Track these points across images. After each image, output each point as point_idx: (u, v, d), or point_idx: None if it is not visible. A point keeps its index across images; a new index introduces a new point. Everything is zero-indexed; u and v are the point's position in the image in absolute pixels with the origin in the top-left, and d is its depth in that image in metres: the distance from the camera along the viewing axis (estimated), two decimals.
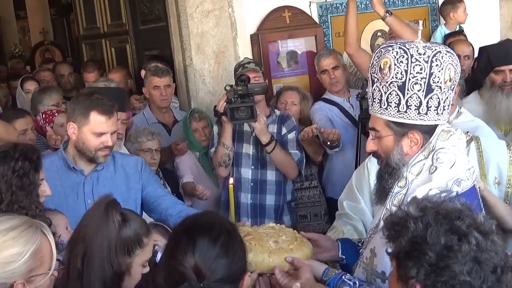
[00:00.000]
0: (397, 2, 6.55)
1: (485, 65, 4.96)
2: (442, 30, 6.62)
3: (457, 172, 2.52)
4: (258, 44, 6.00)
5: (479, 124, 3.98)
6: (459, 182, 2.51)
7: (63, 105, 5.78)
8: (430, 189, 2.48)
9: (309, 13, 6.27)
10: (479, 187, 2.76)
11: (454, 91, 2.63)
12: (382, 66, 2.57)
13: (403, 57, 2.53)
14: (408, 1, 6.61)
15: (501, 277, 1.91)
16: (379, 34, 6.44)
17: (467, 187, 2.53)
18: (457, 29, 6.65)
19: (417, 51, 2.52)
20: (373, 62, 2.64)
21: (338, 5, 6.22)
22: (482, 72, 5.01)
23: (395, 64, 2.54)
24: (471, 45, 6.03)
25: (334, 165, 5.45)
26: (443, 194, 2.29)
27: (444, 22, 6.67)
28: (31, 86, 6.89)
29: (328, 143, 5.00)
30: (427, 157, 2.57)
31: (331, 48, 6.17)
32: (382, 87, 2.59)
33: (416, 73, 2.52)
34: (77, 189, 3.76)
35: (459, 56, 5.44)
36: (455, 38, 6.29)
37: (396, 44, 2.58)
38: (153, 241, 3.22)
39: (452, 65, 2.55)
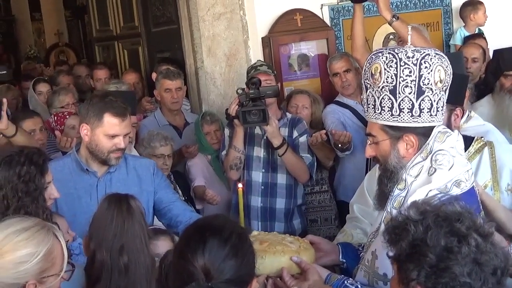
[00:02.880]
0: (409, 5, 6.54)
1: (495, 68, 4.96)
2: (462, 32, 6.60)
3: (456, 173, 2.54)
4: (269, 47, 6.01)
5: (489, 129, 3.97)
6: (458, 183, 2.53)
7: (73, 106, 5.81)
8: (430, 190, 2.50)
9: (320, 16, 6.26)
10: (478, 190, 2.77)
11: (446, 93, 2.64)
12: (373, 72, 2.61)
13: (392, 61, 2.56)
14: (421, 4, 6.59)
15: (501, 279, 1.93)
16: (391, 37, 6.43)
17: (466, 188, 2.55)
18: (476, 31, 6.63)
19: (406, 55, 2.55)
20: (365, 69, 2.68)
21: (350, 7, 6.20)
22: (493, 76, 5.01)
23: (385, 69, 2.57)
24: (482, 47, 5.98)
25: (345, 168, 5.44)
26: (440, 195, 2.31)
27: (464, 24, 6.66)
28: (43, 88, 6.91)
29: (339, 145, 5.00)
30: (426, 159, 2.59)
31: (343, 51, 6.18)
32: (375, 92, 2.63)
33: (406, 76, 2.55)
34: (90, 191, 3.79)
35: (466, 58, 5.48)
36: (475, 40, 6.27)
37: (386, 50, 2.62)
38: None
39: (442, 66, 2.58)
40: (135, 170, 3.92)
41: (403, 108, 2.58)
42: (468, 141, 3.37)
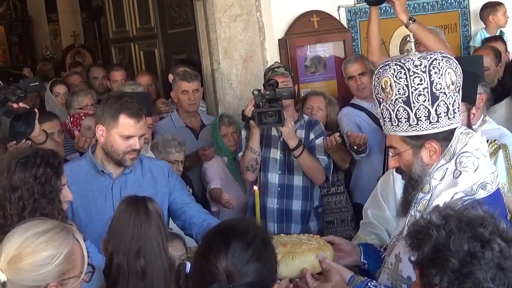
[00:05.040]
0: (427, 6, 6.51)
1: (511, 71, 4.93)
2: (482, 34, 6.56)
3: (481, 175, 2.52)
4: (286, 48, 6.00)
5: (504, 132, 3.95)
6: (484, 186, 2.51)
7: (93, 107, 5.82)
8: (455, 193, 2.48)
9: (337, 17, 6.25)
10: (503, 192, 2.74)
11: (460, 93, 2.62)
12: (383, 86, 2.59)
13: (401, 72, 2.54)
14: (439, 5, 6.56)
15: None
16: (408, 39, 6.38)
17: (492, 190, 2.52)
18: (498, 33, 6.57)
19: (413, 63, 2.53)
20: (374, 84, 2.66)
21: (367, 9, 6.15)
22: (510, 79, 4.97)
23: (395, 81, 2.55)
24: (493, 52, 5.86)
25: (361, 171, 5.42)
26: (466, 197, 2.27)
27: (484, 26, 6.61)
28: (60, 89, 6.92)
29: (355, 147, 4.98)
30: (449, 161, 2.57)
31: (360, 52, 6.16)
32: (389, 105, 2.61)
33: (417, 85, 2.53)
34: (105, 192, 3.78)
35: None
36: (491, 43, 6.22)
37: (392, 61, 2.60)
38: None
39: (451, 68, 2.56)
40: (150, 172, 3.91)
41: (420, 117, 2.56)
42: None
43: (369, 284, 2.68)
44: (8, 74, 14.37)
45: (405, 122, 2.58)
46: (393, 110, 2.60)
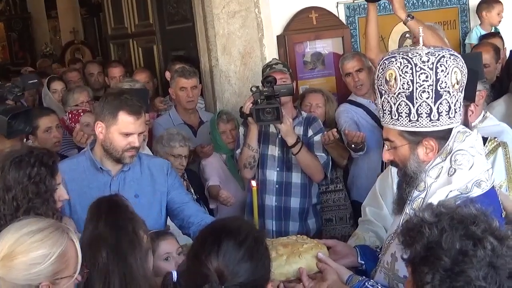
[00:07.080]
0: (426, 3, 6.50)
1: (508, 69, 4.93)
2: (477, 31, 6.54)
3: (476, 173, 2.50)
4: (284, 45, 5.99)
5: (504, 128, 3.95)
6: (479, 184, 2.49)
7: (88, 104, 5.82)
8: (450, 191, 2.47)
9: (336, 14, 6.24)
10: (498, 190, 2.73)
11: (462, 92, 2.60)
12: (387, 78, 2.56)
13: (407, 67, 2.51)
14: (438, 2, 6.54)
15: None
16: (407, 35, 6.39)
17: (487, 188, 2.51)
18: (492, 30, 6.57)
19: (421, 59, 2.50)
20: (378, 75, 2.62)
21: (365, 5, 6.12)
22: (507, 76, 4.97)
23: (400, 75, 2.52)
24: (493, 49, 5.85)
25: (359, 168, 5.40)
26: (461, 195, 2.27)
27: (480, 22, 6.61)
28: (58, 86, 6.94)
29: (353, 145, 4.97)
30: (445, 160, 2.55)
31: (359, 49, 6.15)
32: (391, 98, 2.58)
33: (423, 81, 2.50)
34: (103, 189, 3.73)
35: None
36: (488, 39, 6.21)
37: (399, 54, 2.56)
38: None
39: (458, 67, 2.53)
40: (148, 169, 3.89)
41: (421, 113, 2.54)
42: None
43: (366, 283, 2.68)
44: (8, 71, 14.41)
45: (405, 117, 2.56)
46: (394, 104, 2.57)
